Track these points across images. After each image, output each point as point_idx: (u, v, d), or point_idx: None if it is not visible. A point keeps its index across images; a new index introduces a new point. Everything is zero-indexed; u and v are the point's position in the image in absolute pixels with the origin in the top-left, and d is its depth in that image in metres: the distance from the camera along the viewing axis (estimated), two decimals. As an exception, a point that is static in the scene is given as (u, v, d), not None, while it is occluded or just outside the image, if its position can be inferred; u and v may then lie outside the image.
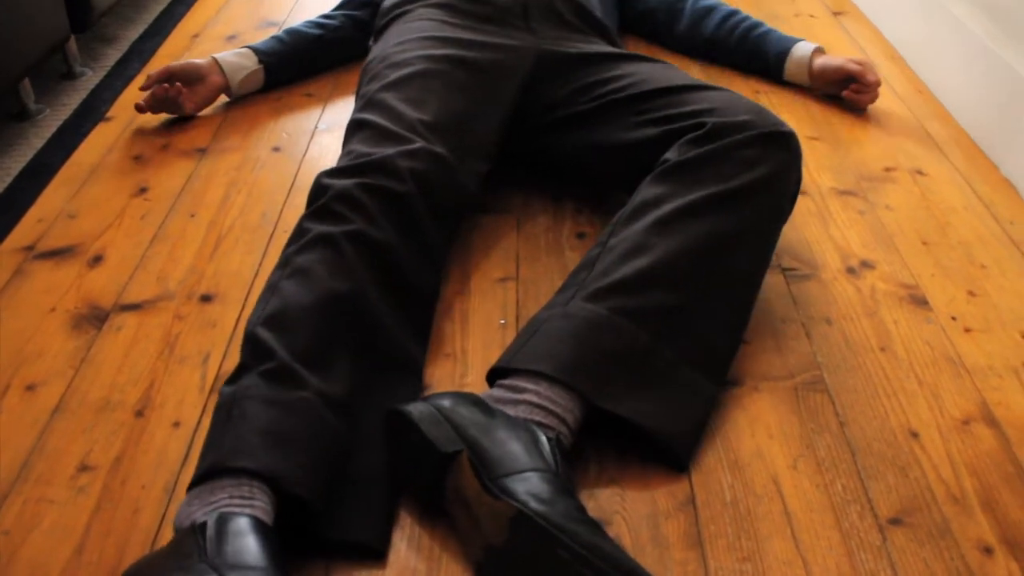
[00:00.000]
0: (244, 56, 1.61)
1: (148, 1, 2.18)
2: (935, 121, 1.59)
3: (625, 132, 1.21)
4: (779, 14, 2.04)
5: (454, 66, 1.26)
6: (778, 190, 1.07)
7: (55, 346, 1.10)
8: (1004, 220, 1.33)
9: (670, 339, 0.97)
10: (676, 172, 1.07)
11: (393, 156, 1.08)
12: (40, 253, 1.27)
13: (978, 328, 1.12)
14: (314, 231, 1.01)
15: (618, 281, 0.98)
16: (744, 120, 1.09)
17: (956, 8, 1.62)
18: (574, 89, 1.29)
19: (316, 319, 0.94)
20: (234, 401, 0.86)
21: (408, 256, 1.05)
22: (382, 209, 1.04)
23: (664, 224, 1.02)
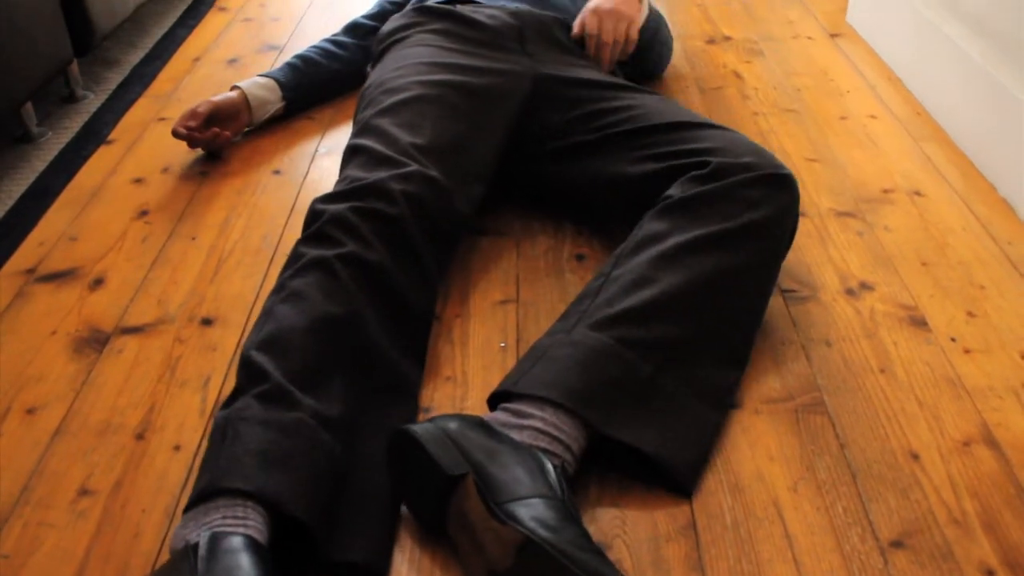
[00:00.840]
0: (270, 90, 1.61)
1: (150, 25, 2.19)
2: (933, 142, 1.60)
3: (626, 166, 1.22)
4: (776, 35, 2.05)
5: (451, 90, 1.27)
6: (778, 230, 1.09)
7: (56, 369, 1.10)
8: (1002, 240, 1.33)
9: (673, 371, 0.98)
10: (679, 208, 1.09)
11: (385, 179, 1.09)
12: (41, 276, 1.27)
13: (978, 349, 1.12)
14: (308, 255, 1.02)
15: (623, 311, 0.99)
16: (747, 162, 1.11)
17: (952, 30, 1.63)
18: (574, 117, 1.30)
19: (311, 341, 0.94)
20: (228, 423, 0.86)
21: (402, 278, 1.06)
22: (375, 231, 1.05)
23: (668, 258, 1.03)
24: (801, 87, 1.80)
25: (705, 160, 1.13)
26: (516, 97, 1.32)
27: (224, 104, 1.54)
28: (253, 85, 1.59)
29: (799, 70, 1.87)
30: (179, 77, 1.89)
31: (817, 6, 2.25)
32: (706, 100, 1.74)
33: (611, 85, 1.34)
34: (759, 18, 2.17)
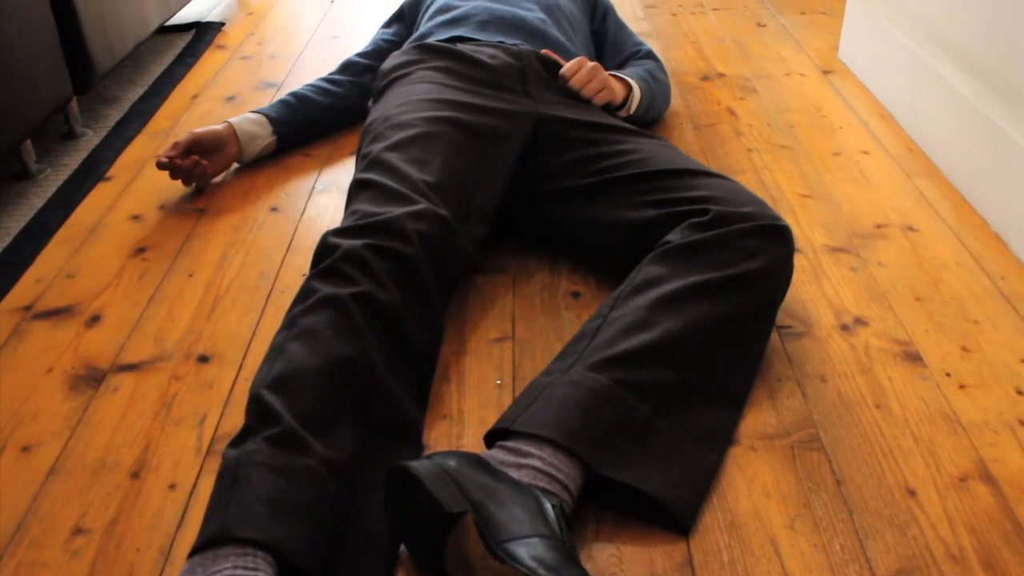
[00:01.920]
0: (260, 125, 1.63)
1: (149, 62, 2.21)
2: (925, 178, 1.61)
3: (625, 211, 1.23)
4: (770, 73, 2.08)
5: (455, 129, 1.28)
6: (774, 280, 1.11)
7: (52, 407, 1.10)
8: (995, 275, 1.34)
9: (671, 415, 0.99)
10: (679, 254, 1.10)
11: (401, 217, 1.09)
12: (38, 313, 1.27)
13: (973, 384, 1.12)
14: (321, 292, 1.01)
15: (621, 353, 0.99)
16: (746, 212, 1.13)
17: (943, 68, 1.65)
18: (573, 160, 1.31)
19: (322, 383, 0.94)
20: (239, 466, 0.86)
21: (413, 319, 1.06)
22: (390, 271, 1.05)
23: (666, 303, 1.04)
24: (794, 123, 1.82)
25: (705, 208, 1.15)
26: (518, 138, 1.33)
27: (206, 135, 1.55)
28: (243, 120, 1.61)
29: (792, 106, 1.89)
30: (177, 114, 1.91)
31: (809, 43, 2.27)
32: (700, 137, 1.75)
33: (611, 128, 1.35)
34: (752, 55, 2.19)
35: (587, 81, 1.47)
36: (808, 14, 2.52)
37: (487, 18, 1.57)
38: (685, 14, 2.53)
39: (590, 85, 1.47)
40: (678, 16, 2.51)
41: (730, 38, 2.32)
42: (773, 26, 2.42)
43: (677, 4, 2.62)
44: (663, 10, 2.57)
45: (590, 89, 1.47)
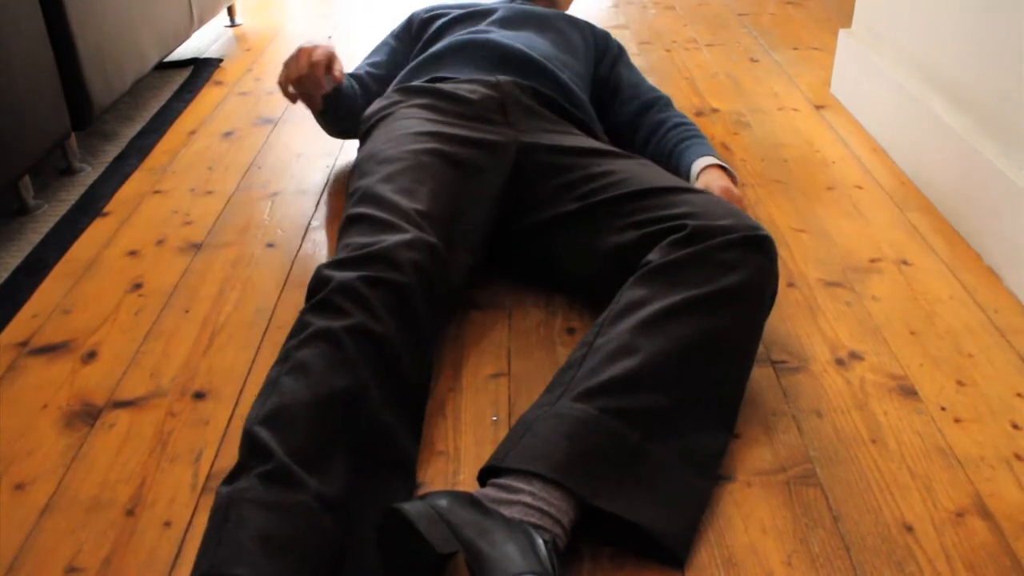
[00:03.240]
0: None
1: (147, 98, 2.23)
2: (918, 212, 1.62)
3: (607, 234, 1.24)
4: (763, 108, 2.10)
5: (440, 159, 1.29)
6: (757, 292, 1.10)
7: (46, 444, 1.10)
8: (989, 309, 1.34)
9: (660, 440, 0.98)
10: (659, 274, 1.10)
11: (393, 247, 1.09)
12: (34, 349, 1.27)
13: (968, 418, 1.13)
14: (315, 325, 1.01)
15: (606, 381, 0.99)
16: (724, 224, 1.12)
17: (933, 103, 1.67)
18: (557, 185, 1.32)
19: (314, 417, 0.94)
20: (231, 503, 0.85)
21: (406, 350, 1.06)
22: (383, 301, 1.05)
23: (649, 325, 1.04)
24: (788, 158, 1.83)
25: (683, 224, 1.15)
26: (502, 166, 1.35)
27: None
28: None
29: (785, 141, 1.91)
30: (175, 150, 1.92)
31: (802, 78, 2.30)
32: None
33: (591, 151, 1.36)
34: (746, 91, 2.21)
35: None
36: (800, 50, 2.54)
37: (473, 54, 1.58)
38: (679, 50, 2.55)
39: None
40: (672, 52, 2.53)
41: (724, 73, 2.34)
42: (766, 62, 2.44)
43: (671, 40, 2.65)
44: (657, 46, 2.59)
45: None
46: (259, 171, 1.81)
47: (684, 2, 3.10)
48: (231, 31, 2.82)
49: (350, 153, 1.89)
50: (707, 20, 2.86)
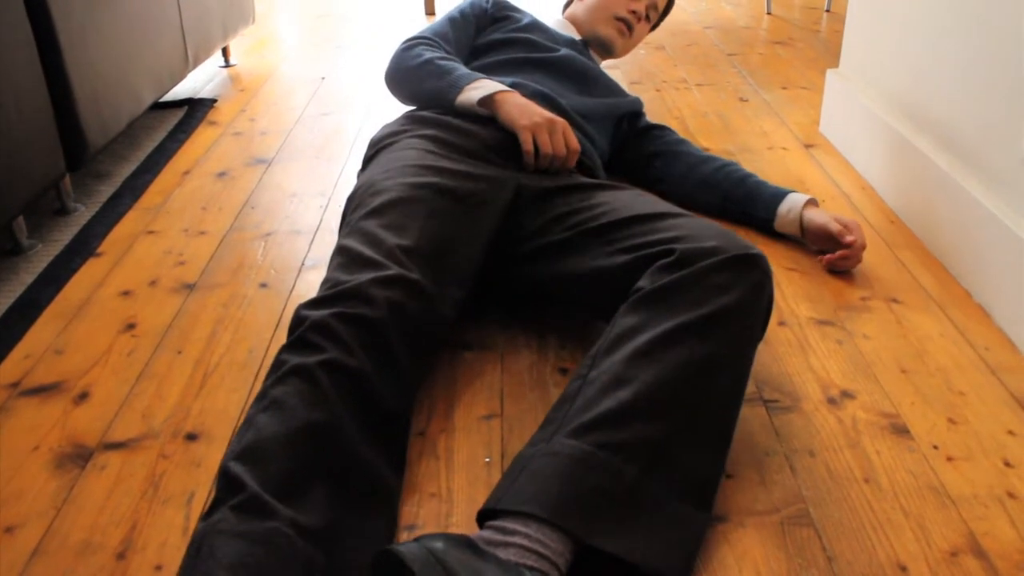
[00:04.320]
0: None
1: (141, 138, 2.24)
2: (907, 250, 1.64)
3: (598, 260, 1.25)
4: (752, 147, 2.12)
5: (436, 194, 1.30)
6: (750, 312, 1.09)
7: (36, 486, 1.09)
8: (979, 346, 1.35)
9: (655, 472, 0.97)
10: (649, 300, 1.10)
11: (366, 284, 1.10)
12: (25, 390, 1.27)
13: (960, 456, 1.13)
14: (290, 363, 1.02)
15: (600, 415, 0.98)
16: (712, 246, 1.12)
17: (920, 142, 1.69)
18: (550, 219, 1.34)
19: (289, 450, 0.94)
20: (204, 537, 0.85)
21: (382, 383, 1.06)
22: (356, 336, 1.06)
23: (642, 355, 1.04)
24: (778, 197, 1.84)
25: (671, 248, 1.15)
26: (499, 204, 1.36)
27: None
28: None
29: (775, 180, 1.92)
30: (169, 190, 1.93)
31: (791, 118, 2.32)
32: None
33: (586, 186, 1.38)
34: (735, 130, 2.24)
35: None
36: (789, 89, 2.58)
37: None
38: (669, 89, 2.58)
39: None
40: (662, 91, 2.56)
41: (713, 113, 2.37)
42: (755, 101, 2.47)
43: (661, 80, 2.68)
44: (647, 86, 2.62)
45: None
46: (252, 211, 1.82)
47: (674, 42, 3.14)
48: (225, 71, 2.85)
49: (343, 192, 1.90)
50: (697, 60, 2.90)
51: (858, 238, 1.53)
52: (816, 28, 3.29)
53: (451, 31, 1.73)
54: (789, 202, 1.64)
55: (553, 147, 1.45)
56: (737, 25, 3.37)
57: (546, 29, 1.78)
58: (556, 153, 1.45)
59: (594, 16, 1.83)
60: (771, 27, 3.33)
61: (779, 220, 1.64)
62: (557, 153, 1.45)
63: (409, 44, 1.64)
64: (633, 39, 1.86)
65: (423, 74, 1.57)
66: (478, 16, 1.79)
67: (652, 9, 1.86)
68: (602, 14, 1.82)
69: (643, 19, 1.84)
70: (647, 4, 1.84)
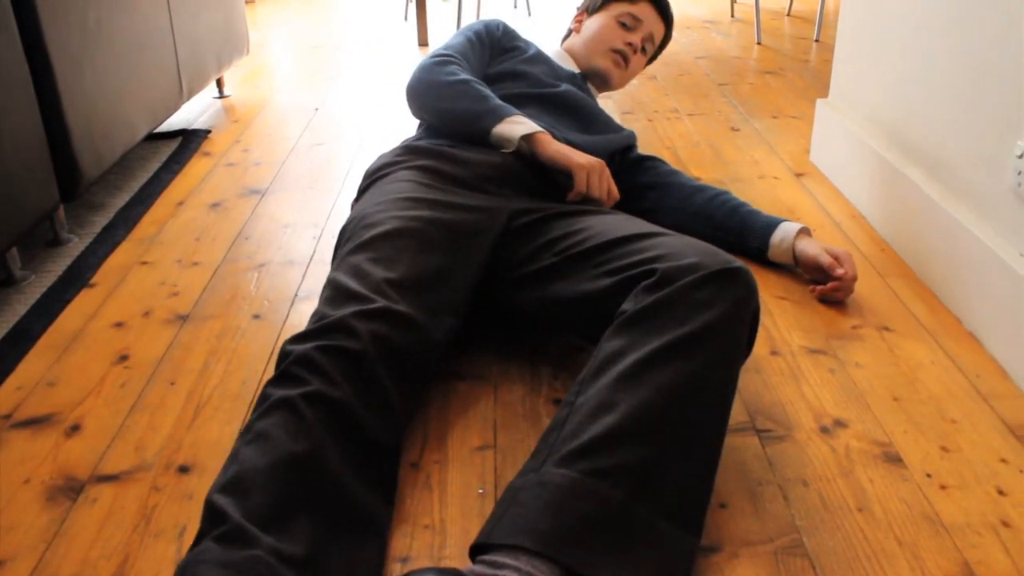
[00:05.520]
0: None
1: (135, 168, 2.25)
2: (898, 278, 1.65)
3: (583, 284, 1.25)
4: (743, 176, 2.13)
5: (428, 225, 1.31)
6: (734, 327, 1.09)
7: (27, 519, 1.08)
8: (971, 374, 1.35)
9: (644, 495, 0.97)
10: (633, 322, 1.10)
11: (351, 316, 1.11)
12: (17, 422, 1.26)
13: (954, 485, 1.13)
14: (274, 396, 1.03)
15: (587, 442, 0.98)
16: (693, 262, 1.12)
17: (910, 172, 1.70)
18: (539, 245, 1.35)
19: (272, 481, 0.94)
20: (186, 568, 0.85)
21: (368, 414, 1.06)
22: (339, 368, 1.06)
23: (628, 378, 1.03)
24: (769, 225, 1.85)
25: (653, 268, 1.15)
26: (492, 233, 1.37)
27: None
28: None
29: (766, 209, 1.94)
30: (163, 220, 1.93)
31: (782, 147, 2.34)
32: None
33: (574, 212, 1.40)
34: (727, 159, 2.25)
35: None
36: (780, 118, 2.60)
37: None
38: (661, 119, 2.60)
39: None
40: (654, 121, 2.58)
41: (705, 142, 2.39)
42: (746, 130, 2.49)
43: (653, 110, 2.70)
44: (639, 115, 2.64)
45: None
46: (246, 242, 1.82)
47: (666, 72, 3.17)
48: (219, 102, 2.86)
49: (337, 223, 1.91)
50: (688, 90, 2.92)
51: (849, 270, 1.55)
52: (806, 58, 3.33)
53: (471, 54, 1.74)
54: (782, 232, 1.65)
55: (600, 190, 1.49)
56: (728, 55, 3.41)
57: (549, 62, 1.80)
58: (600, 196, 1.50)
59: (591, 49, 1.85)
60: (761, 57, 3.36)
61: (772, 250, 1.66)
62: (601, 195, 1.50)
63: (441, 59, 1.63)
64: (630, 71, 1.88)
65: (457, 93, 1.57)
66: (492, 43, 1.80)
67: (648, 42, 1.88)
68: (599, 47, 1.84)
69: (639, 51, 1.86)
70: (643, 37, 1.86)
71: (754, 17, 3.84)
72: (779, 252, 1.65)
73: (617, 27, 1.84)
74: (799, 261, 1.62)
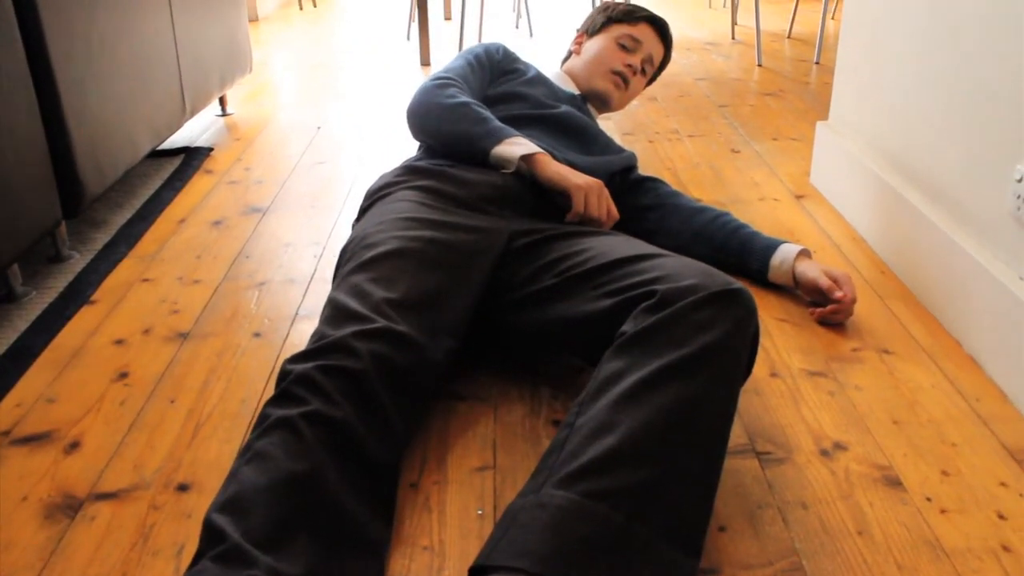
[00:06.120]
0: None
1: (137, 186, 2.25)
2: (898, 300, 1.65)
3: (584, 305, 1.26)
4: (743, 198, 2.14)
5: (428, 246, 1.31)
6: (734, 348, 1.09)
7: (24, 537, 1.08)
8: (971, 397, 1.35)
9: (644, 517, 0.97)
10: (633, 343, 1.10)
11: (351, 336, 1.11)
12: (16, 439, 1.26)
13: (954, 509, 1.13)
14: (274, 415, 1.03)
15: (587, 463, 0.98)
16: (692, 284, 1.13)
17: (910, 195, 1.71)
18: (540, 266, 1.35)
19: (271, 501, 0.94)
20: None
21: (368, 434, 1.06)
22: (339, 388, 1.06)
23: (627, 399, 1.03)
24: (769, 247, 1.86)
25: (653, 289, 1.15)
26: (492, 253, 1.37)
27: None
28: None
29: (767, 231, 1.94)
30: (164, 238, 1.93)
31: (782, 169, 2.35)
32: (678, 260, 1.79)
33: (574, 233, 1.40)
34: (727, 181, 2.26)
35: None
36: (780, 140, 2.61)
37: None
38: (662, 141, 2.61)
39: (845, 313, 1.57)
40: (655, 143, 2.59)
41: (705, 164, 2.39)
42: (747, 152, 2.50)
43: (654, 131, 2.71)
44: (640, 137, 2.66)
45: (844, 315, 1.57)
46: (247, 260, 1.82)
47: (666, 94, 3.18)
48: (222, 120, 2.87)
49: (338, 242, 1.91)
50: (688, 112, 2.94)
51: (848, 292, 1.55)
52: (806, 80, 3.34)
53: (472, 77, 1.74)
54: (781, 254, 1.66)
55: (599, 210, 1.50)
56: (728, 77, 3.42)
57: (548, 83, 1.81)
58: (599, 216, 1.50)
59: (591, 71, 1.86)
60: (762, 79, 3.38)
61: (772, 272, 1.66)
62: (600, 216, 1.50)
63: (441, 82, 1.65)
64: (629, 92, 1.89)
65: (457, 116, 1.58)
66: (492, 66, 1.81)
67: (648, 63, 1.89)
68: (599, 68, 1.85)
69: (639, 72, 1.87)
70: (642, 58, 1.87)
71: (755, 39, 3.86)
72: (779, 274, 1.65)
73: (617, 49, 1.85)
74: (799, 283, 1.63)
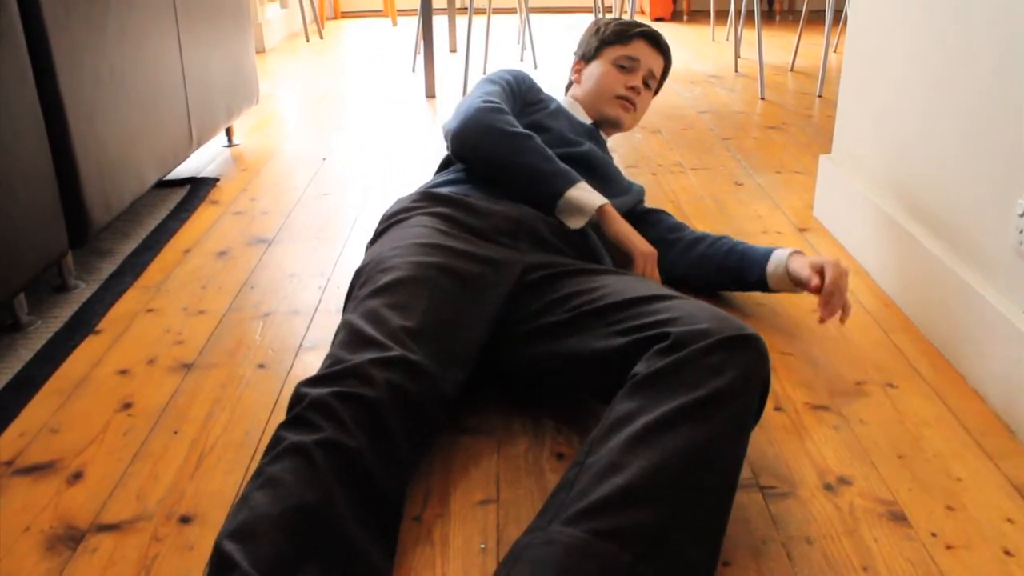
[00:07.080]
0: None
1: (143, 216, 2.27)
2: (902, 334, 1.65)
3: (595, 342, 1.26)
4: (747, 231, 2.14)
5: (443, 274, 1.32)
6: (746, 394, 1.09)
7: (26, 569, 1.08)
8: (976, 432, 1.35)
9: (652, 558, 0.97)
10: (645, 384, 1.10)
11: (367, 363, 1.11)
12: (19, 469, 1.26)
13: (960, 544, 1.12)
14: (287, 440, 1.03)
15: (596, 502, 0.98)
16: (705, 328, 1.13)
17: (913, 228, 1.71)
18: (552, 300, 1.35)
19: (282, 529, 0.94)
20: None
21: (378, 464, 1.06)
22: (354, 416, 1.06)
23: (638, 440, 1.04)
24: (773, 280, 1.86)
25: (666, 332, 1.16)
26: (505, 286, 1.37)
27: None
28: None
29: (770, 263, 1.94)
30: (170, 268, 1.94)
31: (785, 201, 2.36)
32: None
33: (589, 271, 1.40)
34: (730, 213, 2.27)
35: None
36: (783, 173, 2.62)
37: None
38: (665, 173, 2.62)
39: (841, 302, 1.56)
40: (658, 175, 2.61)
41: (709, 197, 2.40)
42: (750, 185, 2.51)
43: (657, 164, 2.73)
44: (643, 169, 2.67)
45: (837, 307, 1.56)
46: (252, 291, 1.83)
47: (670, 127, 3.20)
48: (228, 151, 2.89)
49: (342, 273, 1.92)
50: (692, 144, 2.95)
51: (830, 274, 1.53)
52: (809, 113, 3.36)
53: (508, 104, 1.74)
54: (775, 260, 1.66)
55: (654, 279, 1.55)
56: (732, 110, 3.45)
57: (569, 116, 1.82)
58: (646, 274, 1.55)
59: (595, 98, 1.87)
60: (765, 112, 3.40)
61: (771, 281, 1.67)
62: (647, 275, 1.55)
63: (494, 106, 1.62)
64: (639, 110, 1.90)
65: (523, 148, 1.57)
66: (521, 94, 1.81)
67: (650, 78, 1.90)
68: (603, 95, 1.86)
69: (643, 90, 1.88)
70: (643, 76, 1.88)
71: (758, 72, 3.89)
72: (777, 280, 1.66)
73: (616, 72, 1.86)
74: (796, 284, 1.63)
